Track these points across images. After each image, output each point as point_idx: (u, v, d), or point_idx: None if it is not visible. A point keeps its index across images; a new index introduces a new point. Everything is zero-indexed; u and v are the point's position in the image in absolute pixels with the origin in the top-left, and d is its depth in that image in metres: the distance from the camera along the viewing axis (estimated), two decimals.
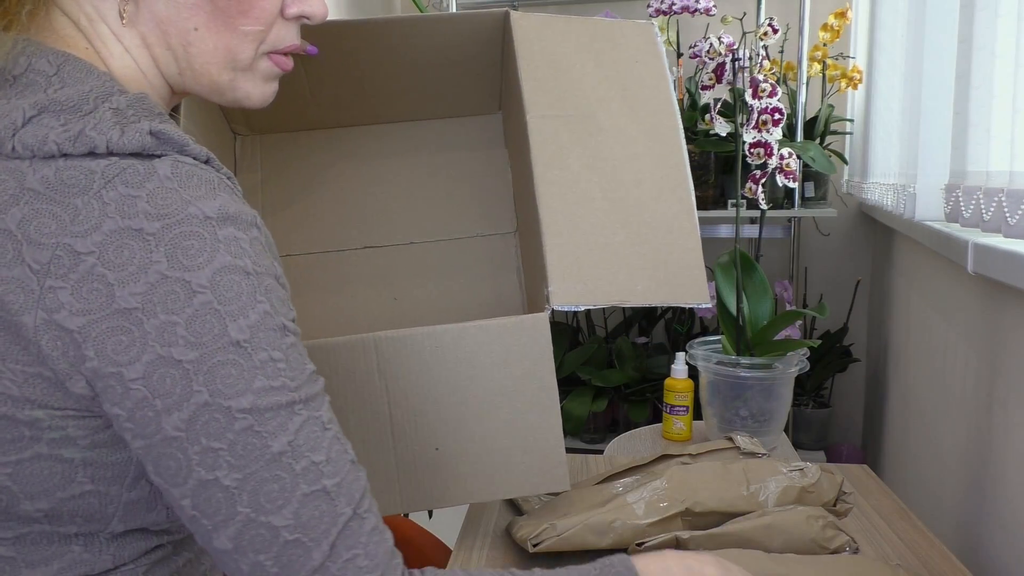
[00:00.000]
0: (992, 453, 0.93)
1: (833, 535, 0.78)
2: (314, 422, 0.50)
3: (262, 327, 0.48)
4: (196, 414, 0.47)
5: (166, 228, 0.46)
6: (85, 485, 0.50)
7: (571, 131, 0.87)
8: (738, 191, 1.24)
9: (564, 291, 0.79)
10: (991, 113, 0.88)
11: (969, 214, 0.94)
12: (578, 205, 0.83)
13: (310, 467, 0.49)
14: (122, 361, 0.46)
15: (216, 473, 0.47)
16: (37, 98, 0.49)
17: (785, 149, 1.22)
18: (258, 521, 0.48)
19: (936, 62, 1.24)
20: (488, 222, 1.10)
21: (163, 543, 0.55)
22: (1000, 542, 0.89)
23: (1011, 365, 0.88)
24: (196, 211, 0.47)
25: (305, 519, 0.48)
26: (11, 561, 0.51)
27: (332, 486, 0.49)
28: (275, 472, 0.48)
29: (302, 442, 0.49)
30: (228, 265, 0.47)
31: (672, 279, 0.83)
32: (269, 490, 0.48)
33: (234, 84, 0.59)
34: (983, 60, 0.90)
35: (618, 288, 0.81)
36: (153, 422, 0.47)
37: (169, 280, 0.46)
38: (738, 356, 1.22)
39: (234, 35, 0.56)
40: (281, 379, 0.48)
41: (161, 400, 0.47)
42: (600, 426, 2.07)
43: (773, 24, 1.40)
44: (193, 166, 0.49)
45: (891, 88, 1.62)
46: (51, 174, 0.47)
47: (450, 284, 1.08)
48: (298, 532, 0.48)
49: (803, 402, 2.02)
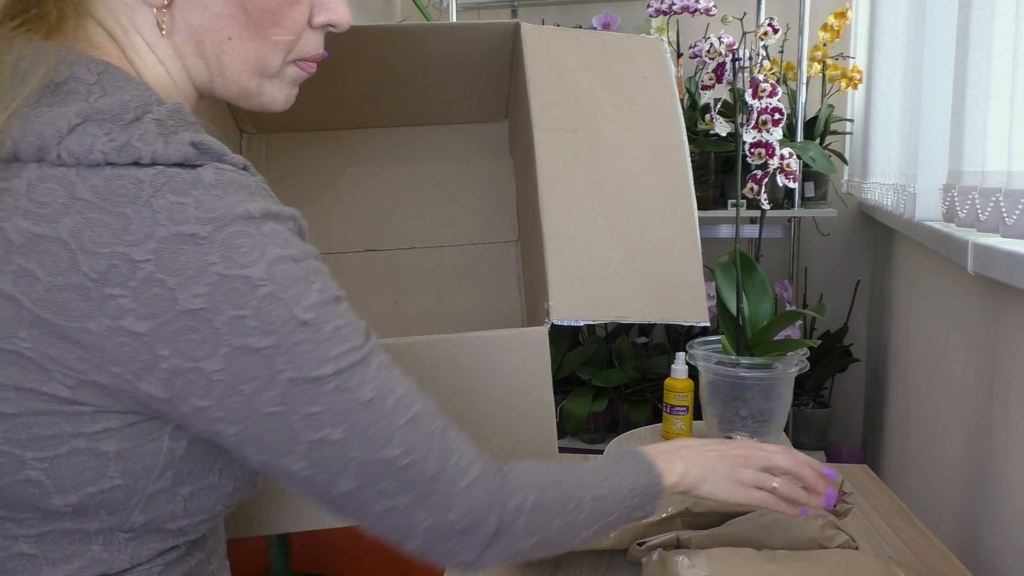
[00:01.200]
0: (992, 453, 0.93)
1: (833, 534, 0.78)
2: (384, 366, 0.56)
3: (322, 304, 0.52)
4: (287, 389, 0.51)
5: (217, 230, 0.49)
6: (115, 480, 0.52)
7: (576, 146, 0.87)
8: (738, 191, 1.24)
9: (564, 306, 0.80)
10: (988, 113, 0.88)
11: (965, 214, 0.94)
12: (581, 220, 0.84)
13: (397, 402, 0.55)
14: (199, 356, 0.49)
15: (321, 432, 0.52)
16: (80, 107, 0.51)
17: (785, 149, 1.22)
18: (372, 459, 0.54)
19: (936, 62, 1.24)
20: (490, 230, 1.10)
21: (178, 544, 0.58)
22: (1000, 542, 0.89)
23: (1011, 365, 0.88)
24: (241, 211, 0.50)
25: (410, 444, 0.55)
26: (33, 559, 0.53)
27: (418, 411, 0.56)
28: (372, 416, 0.53)
29: (384, 384, 0.55)
30: (279, 256, 0.51)
31: (672, 297, 0.84)
32: (373, 432, 0.53)
33: (261, 90, 0.62)
34: (980, 60, 0.90)
35: (618, 304, 0.82)
36: (245, 405, 0.51)
37: (229, 279, 0.49)
38: (738, 356, 1.22)
39: (265, 44, 0.59)
40: (349, 342, 0.53)
41: (249, 384, 0.50)
42: (600, 426, 2.07)
43: (773, 24, 1.40)
44: (233, 173, 0.52)
45: (891, 88, 1.62)
46: (100, 183, 0.49)
47: (450, 290, 1.09)
48: (409, 456, 0.55)
49: (803, 402, 2.02)
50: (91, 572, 0.54)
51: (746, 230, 2.00)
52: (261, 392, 0.51)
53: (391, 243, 1.08)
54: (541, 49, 0.91)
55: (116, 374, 0.49)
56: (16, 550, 0.53)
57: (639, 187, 0.87)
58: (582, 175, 0.86)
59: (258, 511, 0.87)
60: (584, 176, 0.86)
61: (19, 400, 0.49)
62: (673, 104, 0.92)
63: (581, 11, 2.24)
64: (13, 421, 0.50)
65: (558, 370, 2.08)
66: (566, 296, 0.80)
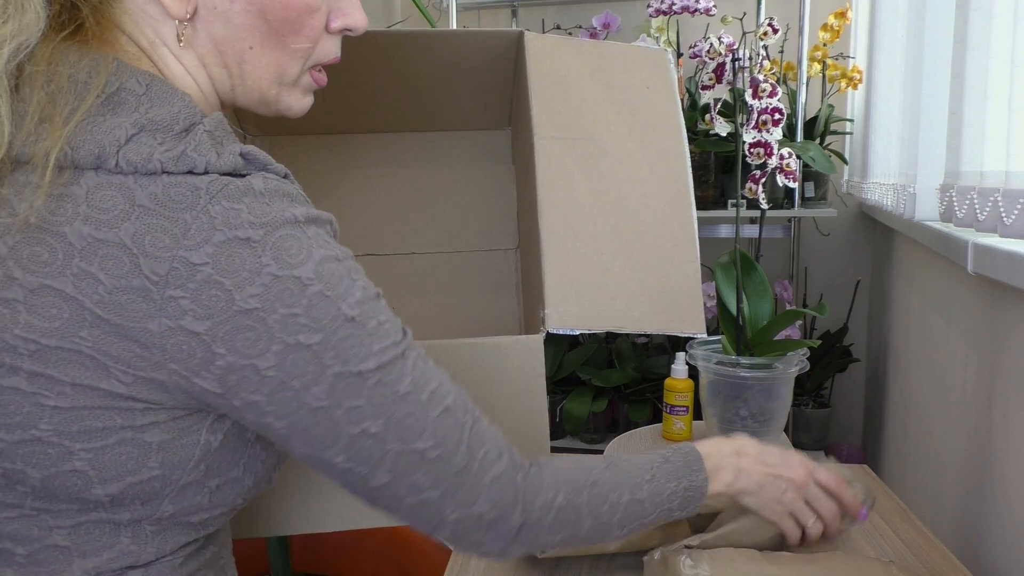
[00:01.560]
0: (992, 453, 0.93)
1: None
2: (420, 360, 0.58)
3: (365, 300, 0.55)
4: (334, 384, 0.53)
5: (268, 234, 0.51)
6: (154, 470, 0.55)
7: (577, 154, 0.87)
8: (738, 191, 1.24)
9: (560, 314, 0.80)
10: (986, 113, 0.88)
11: (963, 214, 0.94)
12: (580, 228, 0.84)
13: (431, 395, 0.57)
14: (253, 354, 0.51)
15: (362, 425, 0.55)
16: (133, 117, 0.53)
17: (785, 149, 1.22)
18: (406, 451, 0.56)
19: (936, 62, 1.24)
20: (490, 237, 1.10)
21: (198, 537, 0.60)
22: (1000, 542, 0.89)
23: (1011, 365, 0.88)
24: (289, 216, 0.53)
25: (441, 436, 0.57)
26: (65, 551, 0.55)
27: (451, 403, 0.58)
28: (408, 409, 0.56)
29: (419, 377, 0.57)
30: (324, 256, 0.53)
31: (669, 307, 0.84)
32: (408, 424, 0.56)
33: (279, 97, 0.64)
34: (978, 60, 0.90)
35: (615, 313, 0.82)
36: (294, 400, 0.53)
37: (281, 279, 0.51)
38: (738, 356, 1.22)
39: (284, 52, 0.62)
40: (391, 337, 0.56)
41: (298, 380, 0.53)
42: (600, 426, 2.07)
43: (773, 24, 1.40)
44: (277, 181, 0.55)
45: (891, 88, 1.62)
46: (159, 191, 0.51)
47: (449, 296, 1.09)
48: (439, 448, 0.57)
49: (803, 402, 2.02)
50: (119, 564, 0.56)
51: (746, 230, 2.00)
52: (310, 387, 0.53)
53: (391, 248, 1.08)
54: (544, 57, 0.91)
55: (174, 371, 0.52)
56: (50, 541, 0.55)
57: (639, 196, 0.87)
58: (582, 183, 0.86)
59: (260, 513, 0.88)
60: (584, 185, 0.86)
61: (75, 395, 0.51)
62: (675, 114, 0.92)
63: (581, 11, 2.24)
64: (67, 414, 0.52)
65: (558, 370, 2.08)
66: (563, 304, 0.80)
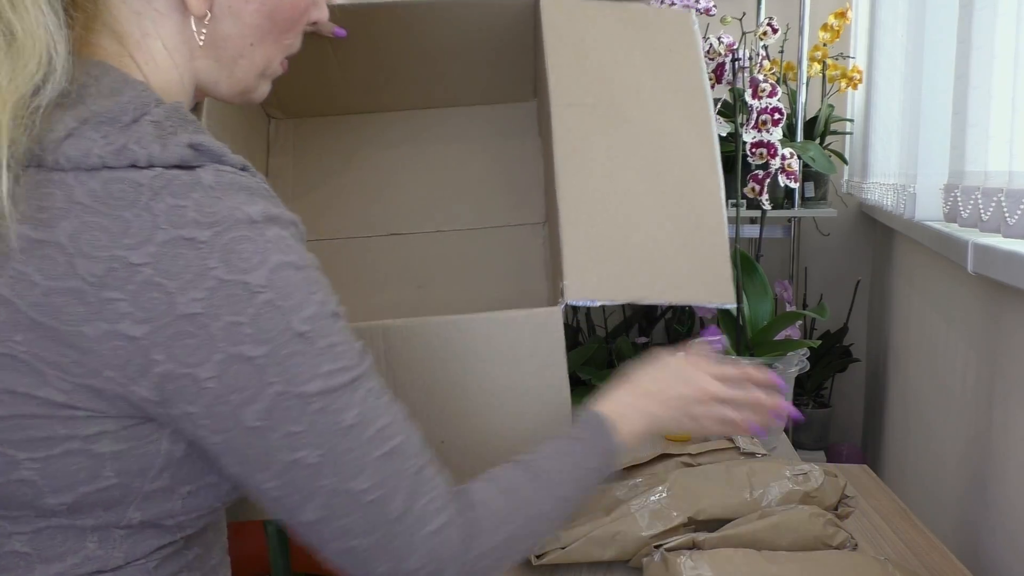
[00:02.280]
0: (992, 453, 0.93)
1: (834, 532, 0.79)
2: (373, 393, 0.54)
3: (320, 316, 0.51)
4: (274, 403, 0.50)
5: (217, 235, 0.48)
6: (110, 479, 0.52)
7: (597, 121, 0.83)
8: (738, 191, 1.24)
9: (580, 285, 0.76)
10: (990, 113, 0.88)
11: (967, 214, 0.94)
12: (598, 197, 0.80)
13: (378, 433, 0.53)
14: (192, 362, 0.48)
15: (299, 454, 0.51)
16: (78, 111, 0.51)
17: (786, 149, 1.22)
18: (341, 489, 0.52)
19: (936, 62, 1.24)
20: (517, 212, 1.06)
21: (175, 539, 0.57)
22: (1000, 542, 0.89)
23: (1011, 365, 0.88)
24: (242, 215, 0.49)
25: (381, 478, 0.53)
26: (26, 557, 0.53)
27: (398, 444, 0.54)
28: (350, 443, 0.52)
29: (368, 412, 0.53)
30: (281, 263, 0.50)
31: (696, 278, 0.78)
32: (348, 460, 0.52)
33: (257, 87, 0.64)
34: (982, 60, 0.90)
35: (637, 284, 0.77)
36: (231, 416, 0.50)
37: (228, 284, 0.48)
38: (738, 356, 1.22)
39: (276, 47, 0.61)
40: (342, 361, 0.52)
41: (237, 394, 0.49)
42: None
43: (773, 24, 1.40)
44: (233, 174, 0.51)
45: (891, 88, 1.62)
46: (98, 187, 0.48)
47: (476, 273, 1.05)
48: (378, 491, 0.53)
49: (803, 402, 2.02)
50: (85, 569, 0.53)
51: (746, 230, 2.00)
52: (248, 404, 0.50)
53: (415, 227, 1.05)
54: (560, 22, 0.87)
55: (110, 378, 0.49)
56: (9, 548, 0.52)
57: (662, 162, 0.82)
58: (602, 151, 0.82)
59: None
60: (604, 152, 0.82)
61: (12, 403, 0.49)
62: (700, 77, 0.88)
63: None
64: (7, 423, 0.49)
65: None
66: (582, 275, 0.76)
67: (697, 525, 0.80)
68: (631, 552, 0.79)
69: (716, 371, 0.74)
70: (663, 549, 0.75)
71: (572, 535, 0.78)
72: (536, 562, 0.78)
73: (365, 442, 0.52)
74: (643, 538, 0.78)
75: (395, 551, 0.54)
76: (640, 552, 0.78)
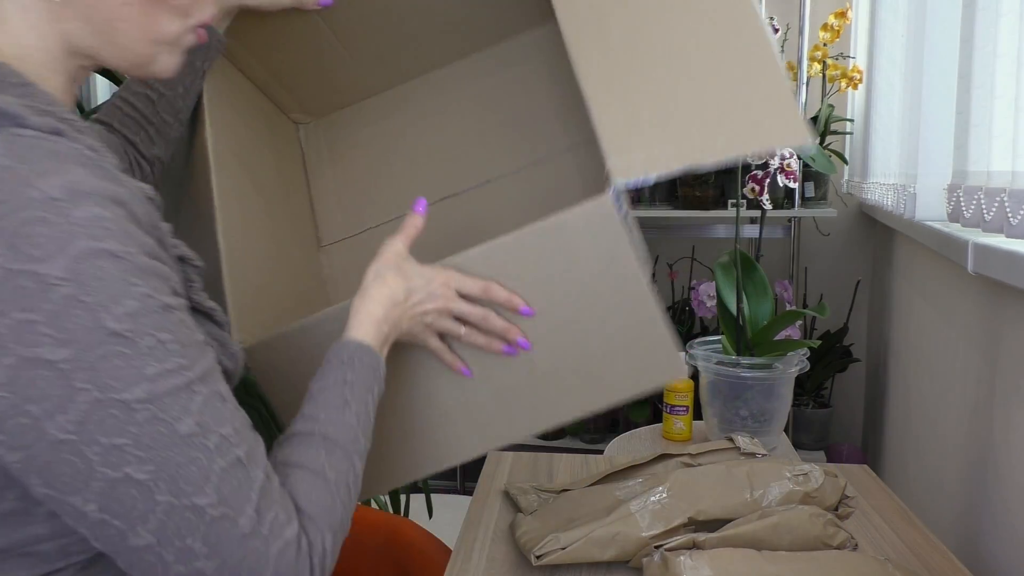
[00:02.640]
0: (992, 453, 0.93)
1: (834, 532, 0.79)
2: (214, 397, 0.48)
3: (144, 312, 0.45)
4: (88, 414, 0.43)
5: (3, 216, 0.41)
6: None
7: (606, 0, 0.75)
8: (738, 191, 1.24)
9: (626, 164, 0.66)
10: (993, 113, 0.88)
11: (970, 214, 0.94)
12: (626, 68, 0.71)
13: (221, 441, 0.47)
14: None
15: (125, 470, 0.44)
16: None
17: (786, 149, 1.21)
18: (180, 506, 0.46)
19: (936, 62, 1.24)
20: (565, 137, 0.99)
21: (59, 568, 0.50)
22: (1000, 542, 0.89)
23: (1011, 365, 0.88)
24: (38, 193, 0.42)
25: (227, 492, 0.47)
26: None
27: (244, 454, 0.49)
28: (189, 454, 0.46)
29: (208, 418, 0.47)
30: (89, 250, 0.43)
31: (760, 122, 0.68)
32: (187, 473, 0.46)
33: (156, 58, 0.57)
34: (985, 60, 0.89)
35: (693, 146, 0.67)
36: (32, 429, 0.43)
37: (15, 274, 0.41)
38: (738, 356, 1.21)
39: (161, 8, 0.55)
40: (174, 360, 0.46)
41: (37, 405, 0.43)
42: (600, 426, 2.06)
43: (773, 24, 1.40)
44: (35, 138, 0.44)
45: (891, 88, 1.62)
46: None
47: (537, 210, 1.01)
48: (223, 507, 0.47)
49: (803, 402, 2.02)
50: None
51: (746, 230, 2.00)
52: (53, 414, 0.43)
53: (465, 184, 1.01)
54: None
55: None
56: None
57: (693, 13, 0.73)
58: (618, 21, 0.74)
59: None
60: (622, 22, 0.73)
61: None
62: None
63: None
64: None
65: None
66: (625, 153, 0.67)
67: (697, 525, 0.80)
68: (631, 552, 0.78)
69: (461, 285, 0.71)
70: (663, 549, 0.75)
71: (572, 535, 0.78)
72: (536, 562, 0.77)
73: (207, 452, 0.46)
74: (643, 538, 0.78)
75: (246, 571, 0.48)
76: (640, 552, 0.78)
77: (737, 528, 0.78)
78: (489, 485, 1.01)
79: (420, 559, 1.06)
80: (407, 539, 1.12)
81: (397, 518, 1.24)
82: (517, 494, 0.94)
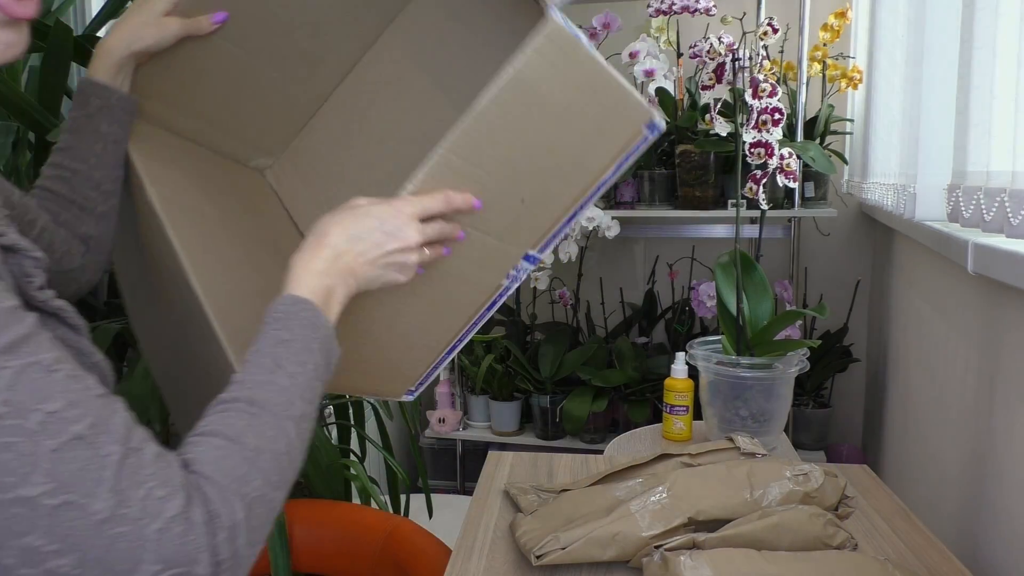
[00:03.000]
0: (992, 453, 0.93)
1: (834, 532, 0.79)
2: (33, 368, 0.42)
3: None
4: None
5: None
6: None
7: None
8: (738, 191, 1.24)
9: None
10: (992, 113, 0.88)
11: (970, 214, 0.94)
12: None
13: (49, 419, 0.42)
14: None
15: None
16: None
17: (785, 149, 1.22)
18: (5, 500, 0.40)
19: (936, 62, 1.24)
20: None
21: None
22: (1000, 542, 0.89)
23: (1011, 365, 0.88)
24: None
25: (66, 476, 0.41)
26: None
27: (85, 430, 0.43)
28: (4, 438, 0.40)
29: (25, 395, 0.41)
30: None
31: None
32: (3, 461, 0.40)
33: None
34: (984, 59, 0.89)
35: None
36: None
37: None
38: (738, 356, 1.22)
39: None
40: None
41: None
42: (600, 426, 2.07)
43: (773, 24, 1.40)
44: None
45: (891, 88, 1.62)
46: None
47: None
48: (62, 493, 0.41)
49: (803, 402, 2.02)
50: None
51: (746, 230, 2.00)
52: None
53: None
54: None
55: None
56: None
57: None
58: None
59: None
60: None
61: None
62: None
63: (581, 11, 2.23)
64: None
65: (558, 370, 2.08)
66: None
67: (697, 525, 0.80)
68: (631, 552, 0.78)
69: (419, 210, 0.68)
70: (663, 549, 0.75)
71: (572, 535, 0.78)
72: (536, 562, 0.77)
73: (30, 433, 0.41)
74: (643, 538, 0.78)
75: (117, 559, 0.42)
76: (640, 552, 0.78)
77: (737, 528, 0.78)
78: (489, 485, 1.01)
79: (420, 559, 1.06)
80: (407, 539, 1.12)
81: (397, 518, 1.25)
82: (517, 494, 0.94)
